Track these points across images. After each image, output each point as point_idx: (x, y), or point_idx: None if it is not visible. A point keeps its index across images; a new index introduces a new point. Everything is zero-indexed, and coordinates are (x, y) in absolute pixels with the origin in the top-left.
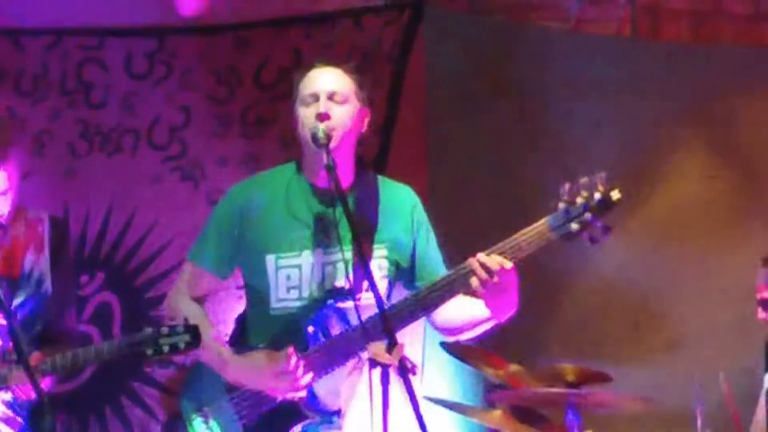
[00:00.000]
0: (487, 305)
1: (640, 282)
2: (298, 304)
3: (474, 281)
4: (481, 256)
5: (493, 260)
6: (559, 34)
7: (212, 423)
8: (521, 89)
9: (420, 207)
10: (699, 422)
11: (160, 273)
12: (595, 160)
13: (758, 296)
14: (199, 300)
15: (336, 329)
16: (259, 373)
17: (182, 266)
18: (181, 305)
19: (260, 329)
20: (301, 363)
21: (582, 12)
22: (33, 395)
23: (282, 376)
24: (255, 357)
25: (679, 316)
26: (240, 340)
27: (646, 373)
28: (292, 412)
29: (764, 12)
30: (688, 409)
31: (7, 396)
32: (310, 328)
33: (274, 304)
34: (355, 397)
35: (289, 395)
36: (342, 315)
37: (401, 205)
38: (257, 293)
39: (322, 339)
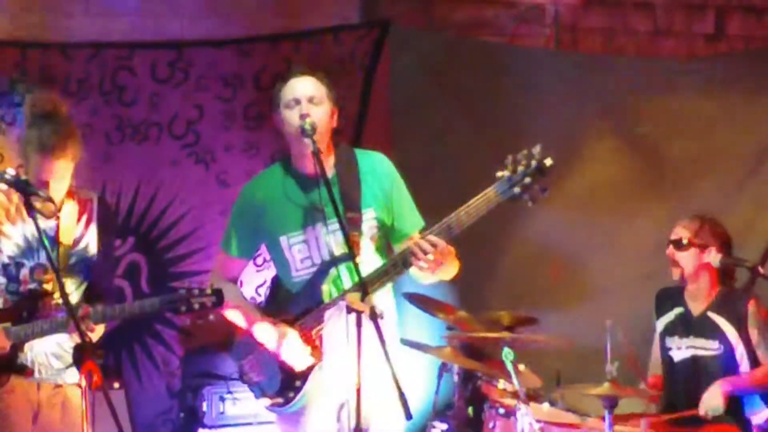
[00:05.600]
0: (429, 272)
1: (562, 244)
2: (313, 270)
3: (413, 260)
4: (417, 239)
5: (426, 242)
6: (498, 46)
7: (256, 365)
8: (467, 90)
9: (392, 167)
10: (608, 357)
11: (178, 238)
12: (528, 148)
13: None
14: (233, 280)
15: (345, 284)
16: (279, 346)
17: (217, 255)
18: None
19: (287, 292)
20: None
21: (516, 29)
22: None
23: (295, 353)
24: (279, 330)
25: (593, 272)
26: (274, 299)
27: (567, 317)
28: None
29: (662, 29)
30: (599, 347)
31: (61, 337)
32: (324, 287)
33: (294, 273)
34: (335, 337)
35: (298, 368)
36: (350, 271)
37: (377, 168)
38: (281, 266)
39: (335, 292)
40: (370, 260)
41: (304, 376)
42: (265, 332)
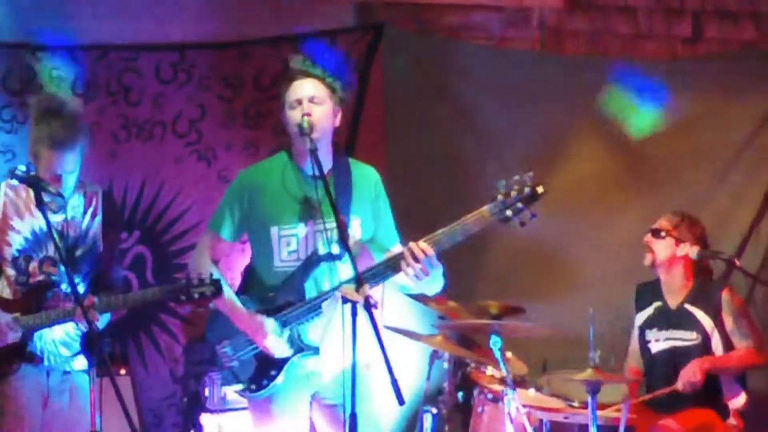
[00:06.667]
0: (415, 281)
1: (548, 238)
2: (297, 264)
3: (403, 265)
4: (411, 244)
5: (418, 248)
6: (486, 49)
7: (231, 351)
8: (457, 91)
9: (380, 183)
10: (590, 344)
11: (181, 231)
12: (515, 146)
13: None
14: (217, 261)
15: (326, 283)
16: (258, 334)
17: (203, 234)
18: (203, 267)
19: (265, 282)
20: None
21: (503, 32)
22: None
23: (272, 342)
24: (258, 320)
25: (578, 265)
26: (247, 289)
27: (552, 307)
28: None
29: (643, 32)
30: (583, 336)
31: (69, 326)
32: (306, 283)
33: (277, 264)
34: (331, 326)
35: (276, 355)
36: (330, 271)
37: (367, 182)
38: (263, 255)
39: (315, 290)
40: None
41: (280, 366)
42: (245, 322)
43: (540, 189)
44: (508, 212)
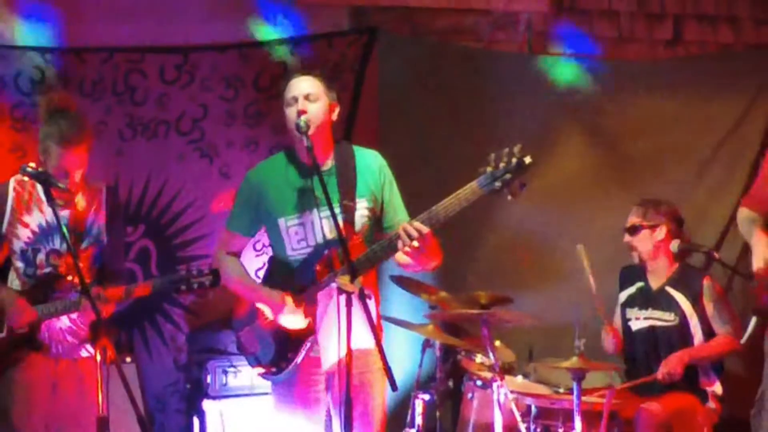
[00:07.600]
0: (413, 259)
1: (535, 230)
2: (307, 250)
3: (400, 244)
4: (405, 224)
5: (412, 228)
6: (476, 50)
7: (251, 335)
8: (448, 90)
9: (386, 166)
10: (576, 333)
11: (185, 225)
12: (504, 144)
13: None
14: (236, 254)
15: (336, 265)
16: (274, 308)
17: (223, 231)
18: (218, 258)
19: (282, 270)
20: (304, 305)
21: (492, 35)
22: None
23: (287, 315)
24: (273, 294)
25: (563, 256)
26: (270, 279)
27: (539, 297)
28: (307, 329)
29: (625, 35)
30: (569, 324)
31: (75, 315)
32: (318, 267)
33: (290, 253)
34: (327, 316)
35: (294, 327)
36: (341, 254)
37: (372, 165)
38: (277, 246)
39: (328, 273)
40: (359, 247)
41: (297, 348)
42: (262, 298)
43: (528, 159)
44: (497, 184)
